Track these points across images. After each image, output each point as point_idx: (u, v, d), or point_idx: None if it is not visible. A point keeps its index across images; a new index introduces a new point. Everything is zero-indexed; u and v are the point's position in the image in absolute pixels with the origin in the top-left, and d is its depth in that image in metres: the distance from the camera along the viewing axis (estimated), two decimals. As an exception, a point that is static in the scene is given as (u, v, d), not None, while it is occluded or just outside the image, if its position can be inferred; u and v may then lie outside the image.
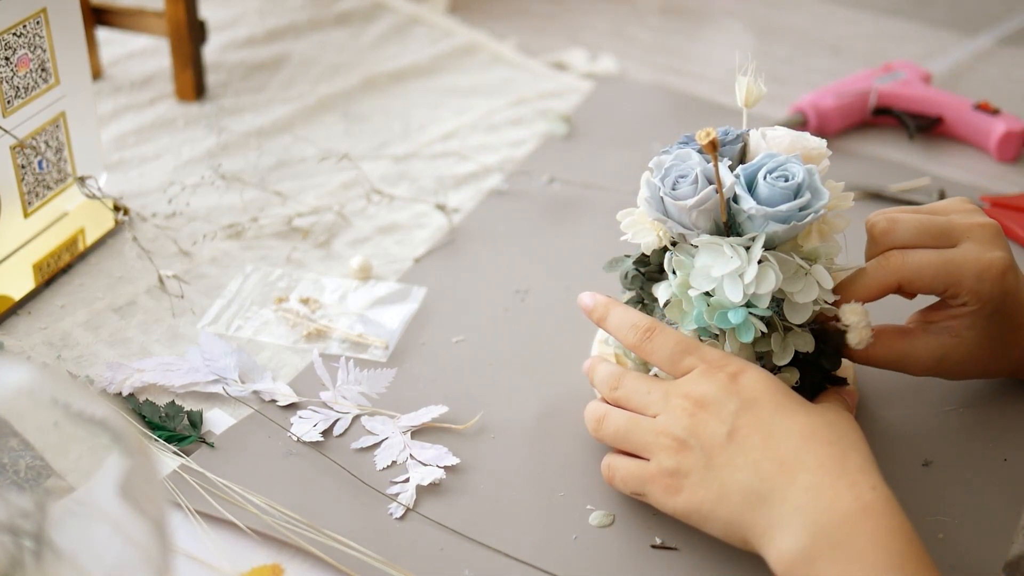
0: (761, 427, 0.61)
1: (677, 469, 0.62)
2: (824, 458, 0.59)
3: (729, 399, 0.62)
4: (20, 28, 0.78)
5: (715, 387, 0.63)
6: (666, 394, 0.64)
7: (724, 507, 0.61)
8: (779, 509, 0.59)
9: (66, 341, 0.79)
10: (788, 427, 0.61)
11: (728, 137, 0.69)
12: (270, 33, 1.15)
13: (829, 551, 0.57)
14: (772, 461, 0.60)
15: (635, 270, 0.71)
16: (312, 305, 0.82)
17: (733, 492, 0.60)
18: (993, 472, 0.70)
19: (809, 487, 0.58)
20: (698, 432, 0.62)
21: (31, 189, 0.83)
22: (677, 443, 0.62)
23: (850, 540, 0.57)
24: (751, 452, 0.60)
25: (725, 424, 0.61)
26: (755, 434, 0.61)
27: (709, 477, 0.61)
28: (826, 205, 0.66)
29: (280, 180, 0.95)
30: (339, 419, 0.73)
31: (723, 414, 0.62)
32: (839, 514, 0.57)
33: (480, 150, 1.00)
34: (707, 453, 0.61)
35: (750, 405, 0.62)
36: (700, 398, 0.63)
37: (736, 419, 0.61)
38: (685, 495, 0.62)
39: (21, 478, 0.59)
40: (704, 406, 0.62)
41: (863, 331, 0.66)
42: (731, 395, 0.62)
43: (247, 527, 0.65)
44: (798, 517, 0.58)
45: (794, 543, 0.58)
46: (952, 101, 1.02)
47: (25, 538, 0.49)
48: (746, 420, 0.61)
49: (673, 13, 1.24)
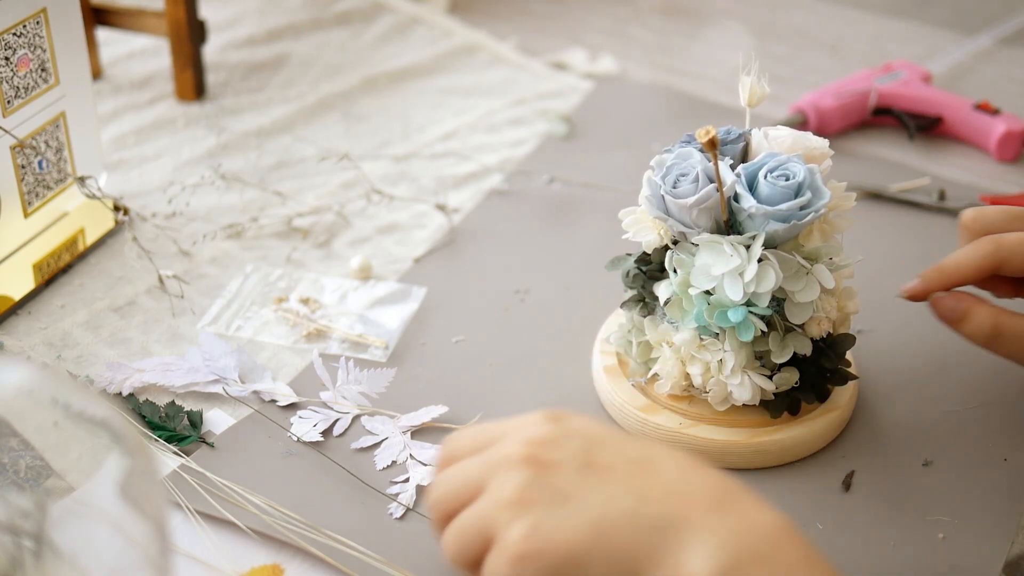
0: (621, 456, 0.53)
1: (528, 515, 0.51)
2: (712, 482, 0.52)
3: (567, 438, 0.53)
4: (20, 28, 0.78)
5: (546, 429, 0.54)
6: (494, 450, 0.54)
7: (607, 539, 0.50)
8: (681, 534, 0.50)
9: (66, 341, 0.79)
10: (652, 455, 0.53)
11: (730, 136, 0.69)
12: (270, 33, 1.14)
13: (755, 566, 0.49)
14: (655, 489, 0.51)
15: (636, 268, 0.71)
16: (312, 305, 0.82)
17: (614, 520, 0.51)
18: (993, 472, 0.70)
19: (712, 508, 0.51)
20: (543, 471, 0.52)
21: (31, 189, 0.83)
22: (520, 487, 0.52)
23: (773, 555, 0.49)
24: (623, 480, 0.52)
25: (574, 458, 0.53)
26: (619, 463, 0.53)
27: (572, 510, 0.51)
28: (827, 204, 0.66)
29: (280, 180, 0.95)
30: (339, 419, 0.73)
31: (567, 449, 0.53)
32: (759, 531, 0.50)
33: (480, 150, 1.00)
34: (561, 487, 0.52)
35: (594, 439, 0.54)
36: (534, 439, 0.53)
37: (586, 454, 0.53)
38: (547, 537, 0.51)
39: (21, 478, 0.59)
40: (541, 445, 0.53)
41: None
42: (567, 434, 0.54)
43: (247, 527, 0.65)
44: (710, 537, 0.50)
45: (709, 564, 0.49)
46: (952, 101, 1.02)
47: (25, 538, 0.49)
48: (599, 452, 0.53)
49: (673, 13, 1.24)
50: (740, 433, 0.70)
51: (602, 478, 0.52)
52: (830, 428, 0.71)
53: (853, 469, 0.70)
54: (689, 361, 0.69)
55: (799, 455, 0.71)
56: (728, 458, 0.70)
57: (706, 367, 0.68)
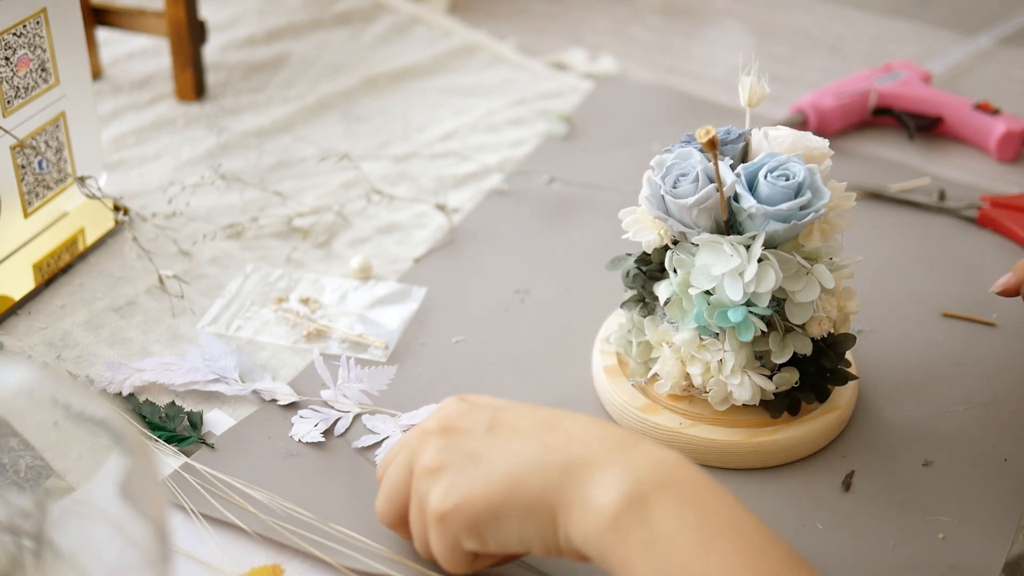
0: (526, 417, 0.57)
1: (442, 477, 0.56)
2: (612, 431, 0.56)
3: (475, 410, 0.58)
4: (20, 28, 0.78)
5: (457, 407, 0.59)
6: (412, 430, 0.61)
7: (519, 490, 0.54)
8: (587, 472, 0.54)
9: (66, 341, 0.79)
10: (555, 415, 0.57)
11: (730, 136, 0.69)
12: (270, 33, 1.14)
13: (659, 490, 0.52)
14: (558, 439, 0.55)
15: (636, 268, 0.71)
16: (312, 305, 0.82)
17: (524, 470, 0.55)
18: (993, 472, 0.70)
19: (614, 449, 0.54)
20: (454, 436, 0.58)
21: (31, 189, 0.83)
22: (437, 453, 0.57)
23: (675, 479, 0.53)
24: (528, 436, 0.56)
25: (481, 421, 0.57)
26: (524, 422, 0.57)
27: (484, 468, 0.55)
28: (827, 204, 0.66)
29: (280, 180, 0.95)
30: (340, 418, 0.73)
31: (475, 417, 0.58)
32: (659, 463, 0.53)
33: (480, 150, 1.00)
34: (471, 447, 0.56)
35: (500, 409, 0.58)
36: (446, 415, 0.59)
37: (492, 420, 0.58)
38: (461, 495, 0.55)
39: (21, 478, 0.59)
40: (452, 417, 0.58)
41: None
42: (476, 407, 0.59)
43: (248, 528, 0.65)
44: (614, 469, 0.53)
45: (615, 492, 0.52)
46: (952, 101, 1.02)
47: (25, 538, 0.49)
48: (503, 417, 0.58)
49: (673, 13, 1.24)
50: (740, 433, 0.70)
51: (509, 437, 0.56)
52: (830, 428, 0.71)
53: (853, 469, 0.70)
54: (689, 361, 0.69)
55: (799, 455, 0.71)
56: (728, 458, 0.70)
57: (706, 367, 0.68)
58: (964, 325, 0.82)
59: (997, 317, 0.82)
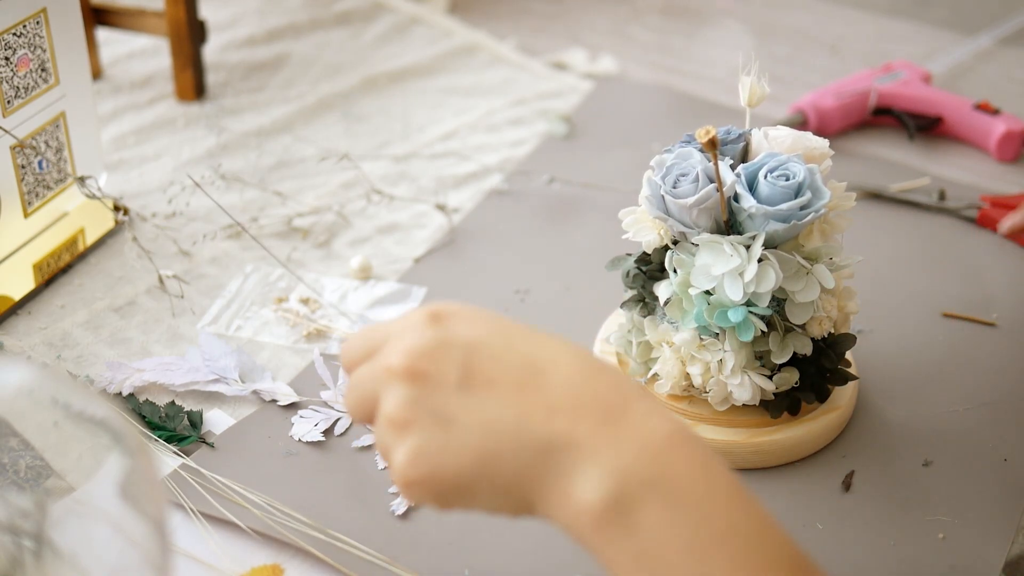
0: (504, 366, 0.50)
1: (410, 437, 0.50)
2: (602, 389, 0.49)
3: (447, 347, 0.50)
4: (20, 28, 0.78)
5: (424, 336, 0.51)
6: (380, 347, 0.52)
7: (491, 468, 0.49)
8: (568, 456, 0.48)
9: (66, 341, 0.79)
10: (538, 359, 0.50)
11: (730, 136, 0.69)
12: (270, 33, 1.14)
13: (644, 491, 0.47)
14: (539, 403, 0.49)
15: (636, 268, 0.71)
16: (312, 305, 0.82)
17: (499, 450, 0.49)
18: (993, 472, 0.70)
19: (601, 423, 0.48)
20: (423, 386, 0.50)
21: (31, 189, 0.83)
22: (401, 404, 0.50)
23: (666, 473, 0.47)
24: (505, 395, 0.49)
25: (453, 372, 0.50)
26: (502, 375, 0.50)
27: (457, 435, 0.49)
28: (827, 204, 0.66)
29: (280, 180, 0.95)
30: (340, 418, 0.73)
31: (446, 362, 0.50)
32: (650, 448, 0.48)
33: (480, 150, 1.00)
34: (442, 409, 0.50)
35: (475, 347, 0.50)
36: (412, 349, 0.50)
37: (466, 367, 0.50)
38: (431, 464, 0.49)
39: (21, 478, 0.59)
40: (420, 356, 0.50)
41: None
42: (447, 342, 0.50)
43: (248, 527, 0.65)
44: (598, 460, 0.48)
45: (597, 491, 0.47)
46: (952, 101, 1.02)
47: (25, 538, 0.49)
48: (480, 364, 0.50)
49: (673, 13, 1.24)
50: (740, 433, 0.70)
51: (483, 395, 0.49)
52: (830, 428, 0.71)
53: (853, 469, 0.70)
54: (689, 361, 0.69)
55: (799, 455, 0.71)
56: (728, 458, 0.70)
57: (706, 367, 0.68)
58: (964, 325, 0.82)
59: (997, 317, 0.82)
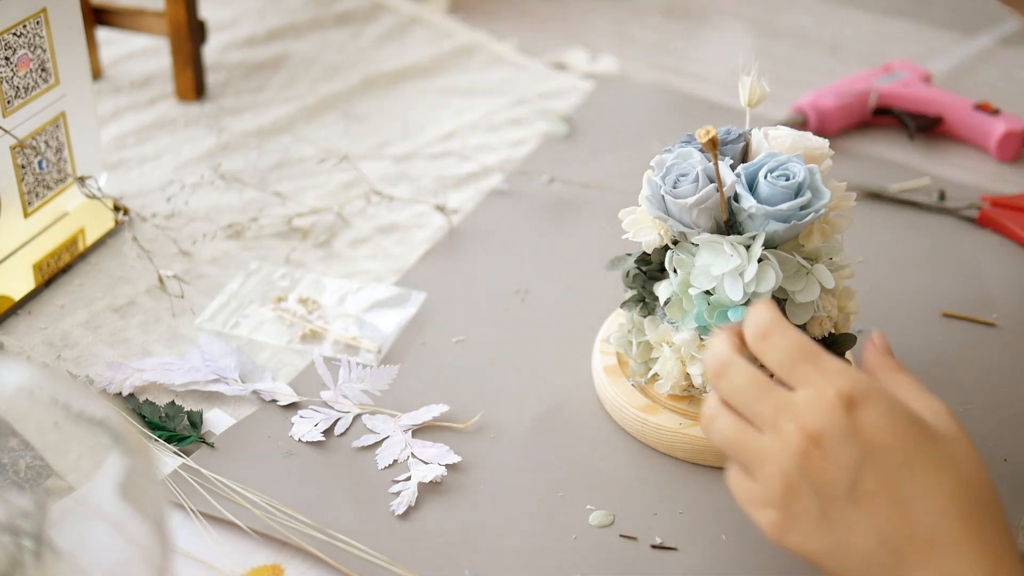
0: (887, 487, 0.54)
1: (786, 510, 0.55)
2: (959, 535, 0.53)
3: (848, 443, 0.54)
4: (20, 28, 0.78)
5: (831, 423, 0.54)
6: (777, 411, 0.55)
7: (838, 563, 0.55)
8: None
9: (66, 341, 0.79)
10: (918, 491, 0.54)
11: (730, 136, 0.69)
12: (270, 33, 1.14)
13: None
14: (900, 534, 0.53)
15: (636, 268, 0.71)
16: (310, 306, 0.82)
17: (851, 554, 0.54)
18: (993, 472, 0.70)
19: (945, 569, 0.53)
20: (813, 478, 0.54)
21: (31, 189, 0.83)
22: (786, 483, 0.55)
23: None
24: (876, 518, 0.53)
25: (845, 475, 0.54)
26: (880, 495, 0.53)
27: (824, 530, 0.54)
28: (827, 205, 0.66)
29: (280, 180, 0.95)
30: (340, 418, 0.73)
31: (842, 461, 0.54)
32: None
33: (480, 150, 1.00)
34: (823, 504, 0.54)
35: (873, 455, 0.54)
36: (815, 434, 0.54)
37: (858, 472, 0.54)
38: (793, 538, 0.55)
39: (21, 478, 0.59)
40: (819, 445, 0.54)
41: None
42: (850, 437, 0.54)
43: (248, 527, 0.65)
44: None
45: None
46: (952, 101, 1.02)
47: (25, 538, 0.49)
48: (870, 475, 0.54)
49: (673, 13, 1.24)
50: (740, 433, 0.70)
51: (859, 511, 0.54)
52: (830, 428, 0.71)
53: (853, 469, 0.70)
54: (689, 361, 0.69)
55: (799, 455, 0.71)
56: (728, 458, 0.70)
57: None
58: (964, 325, 0.82)
59: (997, 317, 0.82)
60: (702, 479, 0.70)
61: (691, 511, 0.68)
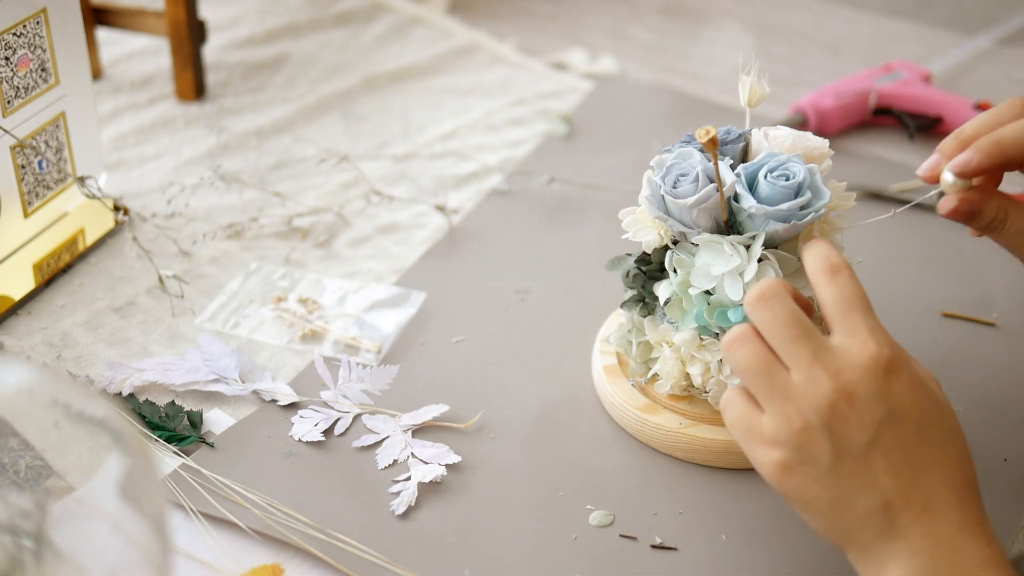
0: (901, 451, 0.56)
1: (796, 453, 0.56)
2: (951, 504, 0.55)
3: (878, 404, 0.55)
4: (20, 28, 0.78)
5: (868, 383, 0.55)
6: (813, 356, 0.56)
7: (835, 515, 0.56)
8: (895, 545, 0.55)
9: (66, 341, 0.79)
10: (928, 460, 0.56)
11: (730, 136, 0.69)
12: (270, 33, 1.14)
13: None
14: (902, 494, 0.55)
15: (636, 268, 0.71)
16: (310, 306, 0.82)
17: (851, 509, 0.56)
18: (993, 472, 0.70)
19: (931, 532, 0.55)
20: (834, 428, 0.55)
21: (31, 189, 0.83)
22: (805, 426, 0.55)
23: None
24: (885, 475, 0.55)
25: (866, 433, 0.55)
26: (894, 456, 0.55)
27: (829, 481, 0.56)
28: (827, 205, 0.66)
29: (280, 180, 0.95)
30: (340, 418, 0.73)
31: (866, 420, 0.55)
32: (957, 567, 0.54)
33: (480, 150, 1.00)
34: (837, 454, 0.55)
35: (897, 419, 0.56)
36: (848, 388, 0.55)
37: (879, 431, 0.55)
38: (795, 482, 0.56)
39: (21, 478, 0.59)
40: (850, 400, 0.55)
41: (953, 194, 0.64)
42: (881, 400, 0.55)
43: (248, 527, 0.65)
44: (914, 560, 0.55)
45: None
46: (952, 101, 1.02)
47: (25, 538, 0.49)
48: (889, 435, 0.55)
49: (673, 13, 1.24)
50: (740, 433, 0.70)
51: (869, 468, 0.55)
52: (830, 428, 0.71)
53: (853, 469, 0.70)
54: (689, 361, 0.69)
55: (799, 455, 0.71)
56: (728, 458, 0.70)
57: (706, 367, 0.68)
58: (964, 325, 0.82)
59: (997, 317, 0.82)
60: (702, 479, 0.70)
61: (691, 511, 0.68)
